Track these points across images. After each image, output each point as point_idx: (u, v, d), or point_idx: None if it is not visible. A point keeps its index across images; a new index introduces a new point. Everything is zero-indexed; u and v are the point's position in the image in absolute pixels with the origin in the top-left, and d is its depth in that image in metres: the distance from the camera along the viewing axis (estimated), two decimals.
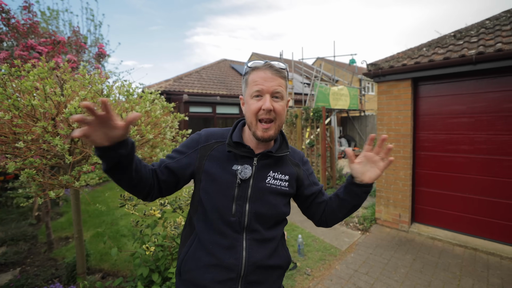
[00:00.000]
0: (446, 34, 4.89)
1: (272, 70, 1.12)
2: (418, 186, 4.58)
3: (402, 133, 4.50)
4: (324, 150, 6.86)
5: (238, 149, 1.18)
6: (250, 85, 1.14)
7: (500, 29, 4.15)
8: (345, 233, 4.54)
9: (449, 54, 3.96)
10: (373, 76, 4.72)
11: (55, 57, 3.26)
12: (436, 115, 4.35)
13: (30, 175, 2.16)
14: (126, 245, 4.12)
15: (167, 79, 12.01)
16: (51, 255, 3.95)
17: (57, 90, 2.23)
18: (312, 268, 3.53)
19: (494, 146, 3.87)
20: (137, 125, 2.61)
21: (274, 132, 1.14)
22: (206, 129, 1.30)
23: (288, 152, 1.25)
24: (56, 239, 4.42)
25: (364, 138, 15.93)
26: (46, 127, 2.10)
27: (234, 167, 1.17)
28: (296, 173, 1.28)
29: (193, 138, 1.26)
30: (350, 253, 3.88)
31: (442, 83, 4.26)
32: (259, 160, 1.20)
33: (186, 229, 1.28)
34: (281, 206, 1.22)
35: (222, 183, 1.15)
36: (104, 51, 3.77)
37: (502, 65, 3.58)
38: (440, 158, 4.33)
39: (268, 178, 1.20)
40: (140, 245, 2.77)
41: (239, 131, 1.25)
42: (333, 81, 14.74)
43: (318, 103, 10.12)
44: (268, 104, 1.08)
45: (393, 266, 3.54)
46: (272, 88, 1.10)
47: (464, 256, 3.72)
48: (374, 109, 18.21)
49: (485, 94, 3.91)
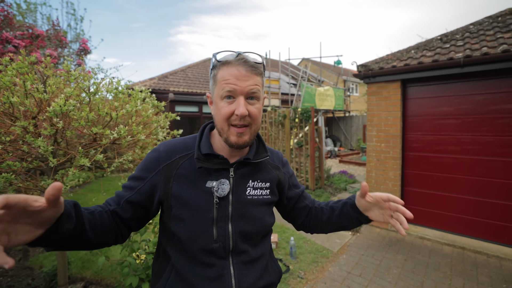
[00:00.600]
0: (433, 38, 4.99)
1: (247, 66, 0.92)
2: (407, 186, 4.64)
3: (392, 134, 4.54)
4: (313, 151, 6.86)
5: (210, 161, 0.99)
6: (219, 83, 0.93)
7: (484, 34, 4.28)
8: (336, 234, 4.53)
9: (438, 56, 4.03)
10: (363, 77, 4.74)
11: (33, 51, 3.03)
12: (425, 116, 4.42)
13: (7, 180, 1.95)
14: (111, 251, 3.91)
15: (151, 77, 11.71)
16: (27, 263, 3.69)
17: (39, 87, 2.03)
18: (305, 271, 3.47)
19: (479, 147, 3.97)
20: (127, 125, 2.46)
21: (250, 137, 0.97)
22: (165, 143, 1.07)
23: (268, 156, 1.10)
24: None
25: (349, 138, 16.23)
26: (26, 127, 1.92)
27: (208, 184, 0.98)
28: (277, 177, 1.14)
29: (151, 158, 1.03)
30: (342, 255, 3.86)
31: (430, 85, 4.34)
32: (236, 170, 1.03)
33: (159, 260, 1.07)
34: (266, 218, 1.08)
35: (197, 206, 0.96)
36: (87, 47, 3.54)
37: (488, 68, 3.69)
38: (428, 159, 4.40)
39: (248, 189, 1.04)
40: (129, 253, 2.60)
41: (207, 138, 1.05)
42: (319, 82, 14.88)
43: (305, 104, 10.18)
44: (243, 110, 0.90)
45: (385, 267, 3.54)
46: (247, 88, 0.91)
47: (453, 255, 3.78)
48: (359, 110, 18.59)
49: (471, 96, 4.01)
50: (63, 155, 2.35)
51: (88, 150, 2.32)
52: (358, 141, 15.26)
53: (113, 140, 2.31)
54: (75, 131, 2.33)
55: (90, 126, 2.18)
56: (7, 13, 3.33)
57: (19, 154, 2.07)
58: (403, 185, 4.65)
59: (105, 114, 2.32)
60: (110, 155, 2.69)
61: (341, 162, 12.20)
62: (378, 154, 4.71)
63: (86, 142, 2.35)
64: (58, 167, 2.34)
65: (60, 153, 2.36)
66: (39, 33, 3.11)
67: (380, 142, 4.66)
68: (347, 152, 14.38)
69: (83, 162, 2.16)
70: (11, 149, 1.99)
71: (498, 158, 3.84)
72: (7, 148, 1.97)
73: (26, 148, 1.99)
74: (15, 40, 3.05)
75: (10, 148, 1.99)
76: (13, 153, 2.01)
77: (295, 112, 7.16)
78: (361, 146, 13.45)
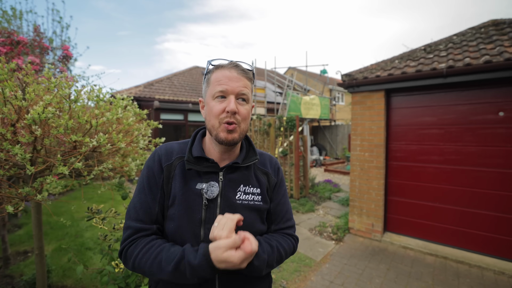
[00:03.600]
0: (417, 48, 5.07)
1: (238, 70, 1.02)
2: (390, 196, 4.67)
3: (376, 143, 4.57)
4: (297, 159, 6.87)
5: (200, 164, 1.05)
6: (212, 84, 1.02)
7: (467, 45, 4.34)
8: (319, 243, 4.53)
9: (421, 67, 4.08)
10: (347, 87, 4.79)
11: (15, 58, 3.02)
12: (408, 126, 4.46)
13: None
14: (92, 259, 3.87)
15: (137, 85, 11.69)
16: (7, 271, 3.63)
17: (18, 94, 2.03)
18: (288, 280, 3.47)
19: (462, 157, 4.02)
20: (108, 133, 2.46)
21: (239, 135, 1.02)
22: (164, 145, 1.13)
23: (257, 159, 1.13)
24: (13, 253, 4.07)
25: (334, 147, 16.26)
26: (4, 134, 1.92)
27: (198, 186, 1.03)
28: (267, 183, 1.16)
29: (151, 163, 1.08)
30: (325, 264, 3.86)
31: (414, 95, 4.39)
32: (226, 174, 1.07)
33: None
34: (257, 225, 1.08)
35: (188, 206, 1.00)
36: (69, 53, 3.55)
37: (470, 79, 3.73)
38: (412, 168, 4.44)
39: (238, 193, 1.07)
40: (108, 261, 2.58)
41: (199, 143, 1.12)
42: (305, 91, 14.99)
43: (290, 112, 10.24)
44: (233, 106, 0.97)
45: (367, 276, 3.54)
46: (237, 89, 0.99)
47: (435, 265, 3.80)
48: (345, 119, 18.71)
49: (454, 106, 4.06)
50: (42, 162, 2.35)
51: (68, 158, 2.32)
52: (343, 150, 15.30)
53: (92, 148, 2.31)
54: (54, 139, 2.33)
55: (70, 133, 2.18)
56: None
57: None
58: (386, 194, 4.67)
59: (85, 122, 2.33)
60: (91, 163, 2.69)
61: (326, 171, 12.18)
62: (362, 163, 4.74)
63: (66, 150, 2.35)
64: (37, 174, 2.34)
65: (39, 160, 2.35)
66: (19, 39, 3.10)
67: (364, 151, 4.69)
68: (332, 161, 14.37)
69: (62, 170, 2.16)
70: None
71: (480, 168, 3.88)
72: None
73: (3, 155, 1.99)
74: None
75: None
76: None
77: (280, 120, 7.19)
78: (346, 155, 13.49)
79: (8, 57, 2.96)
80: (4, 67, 2.16)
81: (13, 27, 4.07)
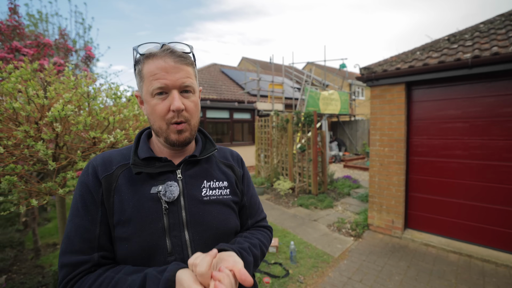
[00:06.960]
0: (440, 38, 4.86)
1: (175, 57, 0.84)
2: (411, 192, 4.53)
3: (396, 138, 4.45)
4: (315, 155, 6.81)
5: (151, 166, 0.89)
6: (147, 79, 0.84)
7: (495, 33, 4.12)
8: (337, 239, 4.48)
9: (444, 57, 3.92)
10: (366, 80, 4.68)
11: (40, 59, 3.18)
12: (430, 119, 4.30)
13: (11, 182, 2.06)
14: None
15: None
16: (38, 262, 3.84)
17: (40, 93, 2.14)
18: (305, 276, 3.45)
19: (488, 151, 3.83)
20: (125, 129, 2.53)
21: (191, 133, 0.90)
22: (98, 156, 0.93)
23: (215, 149, 1.02)
24: (43, 245, 4.30)
25: (354, 143, 15.95)
26: (28, 131, 2.02)
27: (153, 190, 0.86)
28: (234, 175, 1.06)
29: (84, 177, 0.88)
30: (343, 260, 3.81)
31: (437, 87, 4.22)
32: (184, 171, 0.93)
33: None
34: (232, 220, 0.97)
35: (143, 217, 0.83)
36: (91, 54, 3.68)
37: (498, 69, 3.53)
38: (434, 164, 4.28)
39: (203, 190, 0.94)
40: None
41: (145, 144, 0.95)
42: (324, 86, 14.76)
43: (309, 108, 10.13)
44: (178, 104, 0.82)
45: (387, 273, 3.47)
46: (179, 81, 0.83)
47: (459, 263, 3.66)
48: (365, 114, 18.33)
49: (480, 98, 3.87)
50: (65, 158, 2.45)
51: (87, 154, 2.41)
52: (363, 145, 14.96)
53: (110, 144, 2.39)
54: (74, 136, 2.44)
55: (88, 130, 2.26)
56: (18, 23, 3.52)
57: (23, 157, 2.16)
58: (407, 190, 4.54)
59: (103, 119, 2.41)
60: None
61: (345, 167, 12.00)
62: (382, 158, 4.63)
63: (86, 146, 2.45)
64: (61, 170, 2.45)
65: (62, 156, 2.45)
66: (45, 41, 3.26)
67: (383, 146, 4.58)
68: (352, 157, 14.10)
69: (82, 166, 2.27)
70: (17, 153, 2.09)
71: (508, 163, 3.69)
72: (13, 152, 2.07)
73: (27, 151, 2.09)
74: (24, 49, 3.22)
75: (16, 152, 2.09)
76: (17, 157, 2.10)
77: (297, 116, 7.13)
78: (366, 150, 13.22)
79: (34, 59, 3.12)
80: (28, 67, 2.28)
81: (40, 30, 4.27)
